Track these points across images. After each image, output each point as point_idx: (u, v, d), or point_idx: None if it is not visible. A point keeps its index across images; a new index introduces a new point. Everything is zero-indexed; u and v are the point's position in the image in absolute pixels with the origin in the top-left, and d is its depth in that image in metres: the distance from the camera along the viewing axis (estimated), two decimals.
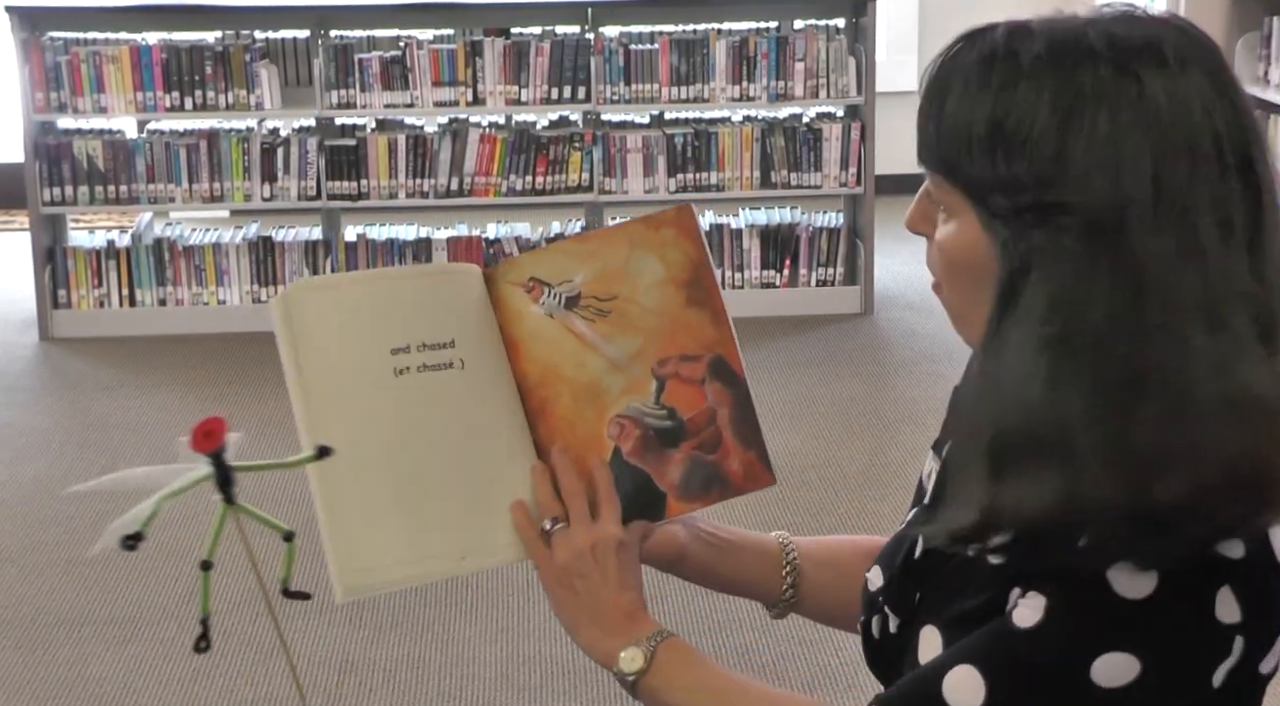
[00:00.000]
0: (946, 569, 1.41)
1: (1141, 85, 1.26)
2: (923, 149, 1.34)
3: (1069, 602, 1.27)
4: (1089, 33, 1.28)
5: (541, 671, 3.65)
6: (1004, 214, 1.28)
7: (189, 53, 6.09)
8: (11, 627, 3.89)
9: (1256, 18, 6.39)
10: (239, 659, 3.68)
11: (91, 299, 6.19)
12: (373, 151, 6.16)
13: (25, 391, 5.64)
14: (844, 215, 6.43)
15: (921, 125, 1.34)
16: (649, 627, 1.51)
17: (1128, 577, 1.25)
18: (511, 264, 1.60)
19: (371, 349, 1.54)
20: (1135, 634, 1.25)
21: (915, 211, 1.39)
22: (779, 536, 1.70)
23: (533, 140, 6.19)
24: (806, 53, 6.19)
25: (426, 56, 6.11)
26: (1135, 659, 1.25)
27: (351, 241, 6.27)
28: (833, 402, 5.34)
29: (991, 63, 1.29)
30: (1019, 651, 1.29)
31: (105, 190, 6.11)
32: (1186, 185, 1.25)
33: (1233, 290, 1.25)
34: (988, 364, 1.29)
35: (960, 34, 1.33)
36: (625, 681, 1.50)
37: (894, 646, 1.46)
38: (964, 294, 1.35)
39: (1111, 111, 1.25)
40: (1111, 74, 1.26)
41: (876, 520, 4.33)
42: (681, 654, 1.50)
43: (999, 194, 1.28)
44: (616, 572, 1.52)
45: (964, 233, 1.32)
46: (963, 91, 1.29)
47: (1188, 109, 1.26)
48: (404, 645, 3.75)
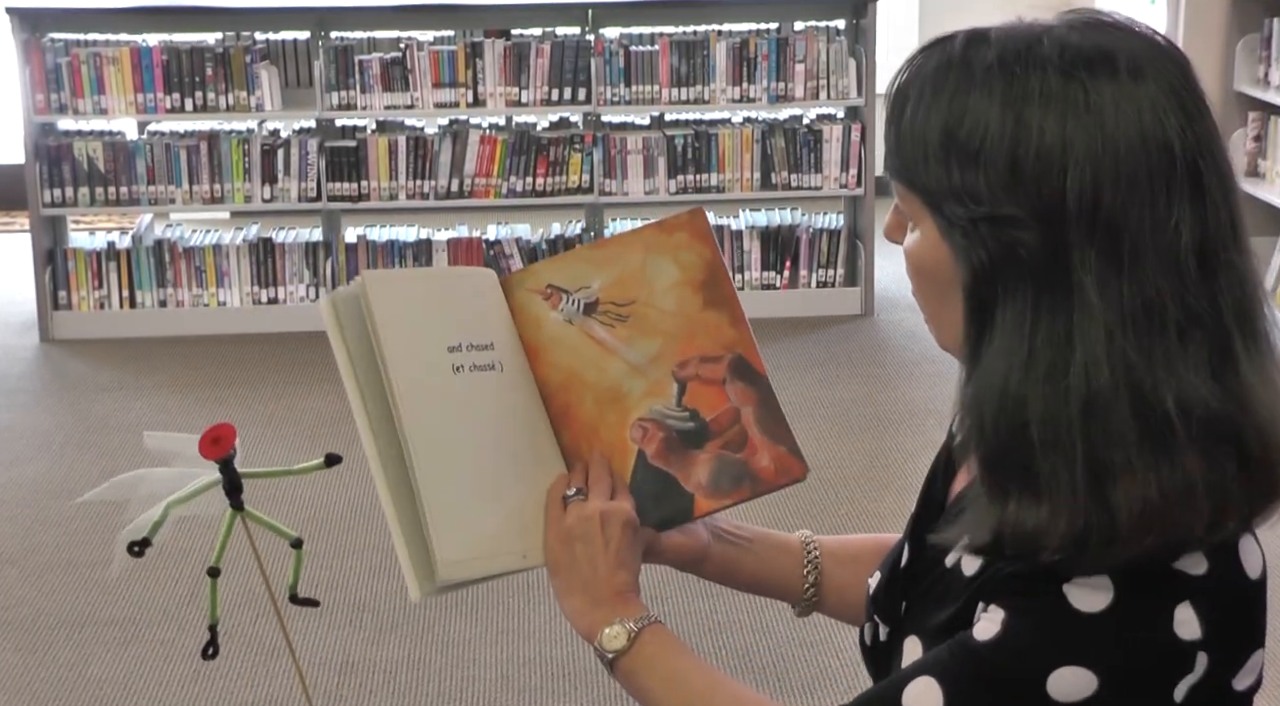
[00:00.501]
0: (928, 580, 1.41)
1: (1088, 94, 1.24)
2: (886, 157, 1.35)
3: (1026, 616, 1.27)
4: (1043, 40, 1.27)
5: (541, 673, 3.65)
6: (961, 223, 1.28)
7: (189, 54, 6.09)
8: (12, 629, 3.89)
9: (1257, 19, 6.39)
10: (239, 661, 3.68)
11: (92, 300, 6.19)
12: (373, 153, 6.16)
13: (26, 393, 5.64)
14: (844, 216, 6.44)
15: (886, 134, 1.34)
16: (636, 610, 1.51)
17: (1084, 592, 1.25)
18: (528, 271, 1.61)
19: (438, 343, 1.53)
20: (1091, 648, 1.25)
21: (889, 221, 1.39)
22: (802, 535, 1.70)
23: (533, 141, 6.20)
24: (807, 54, 6.19)
25: (427, 58, 6.11)
26: (1092, 674, 1.25)
27: (352, 243, 6.27)
28: (833, 404, 5.34)
29: (947, 71, 1.29)
30: (977, 665, 1.28)
31: (106, 191, 6.11)
32: (1128, 198, 1.24)
33: (1180, 306, 1.24)
34: (971, 385, 1.29)
35: (923, 43, 1.33)
36: (604, 658, 1.49)
37: (884, 653, 1.47)
38: (931, 300, 1.36)
39: (1058, 119, 1.24)
40: (1059, 82, 1.25)
41: (876, 521, 4.33)
42: (664, 642, 1.50)
43: (955, 203, 1.28)
44: (617, 547, 1.51)
45: (925, 241, 1.32)
46: (918, 100, 1.29)
47: (1136, 119, 1.24)
48: (404, 646, 3.75)
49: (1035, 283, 1.25)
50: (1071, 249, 1.24)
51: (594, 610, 1.51)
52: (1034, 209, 1.24)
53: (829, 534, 1.74)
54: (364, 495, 4.56)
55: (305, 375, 5.63)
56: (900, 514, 4.46)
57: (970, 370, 1.29)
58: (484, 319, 1.57)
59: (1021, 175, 1.25)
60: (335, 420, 5.09)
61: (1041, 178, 1.24)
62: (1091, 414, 1.23)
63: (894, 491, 4.57)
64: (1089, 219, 1.24)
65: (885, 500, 4.51)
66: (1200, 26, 6.48)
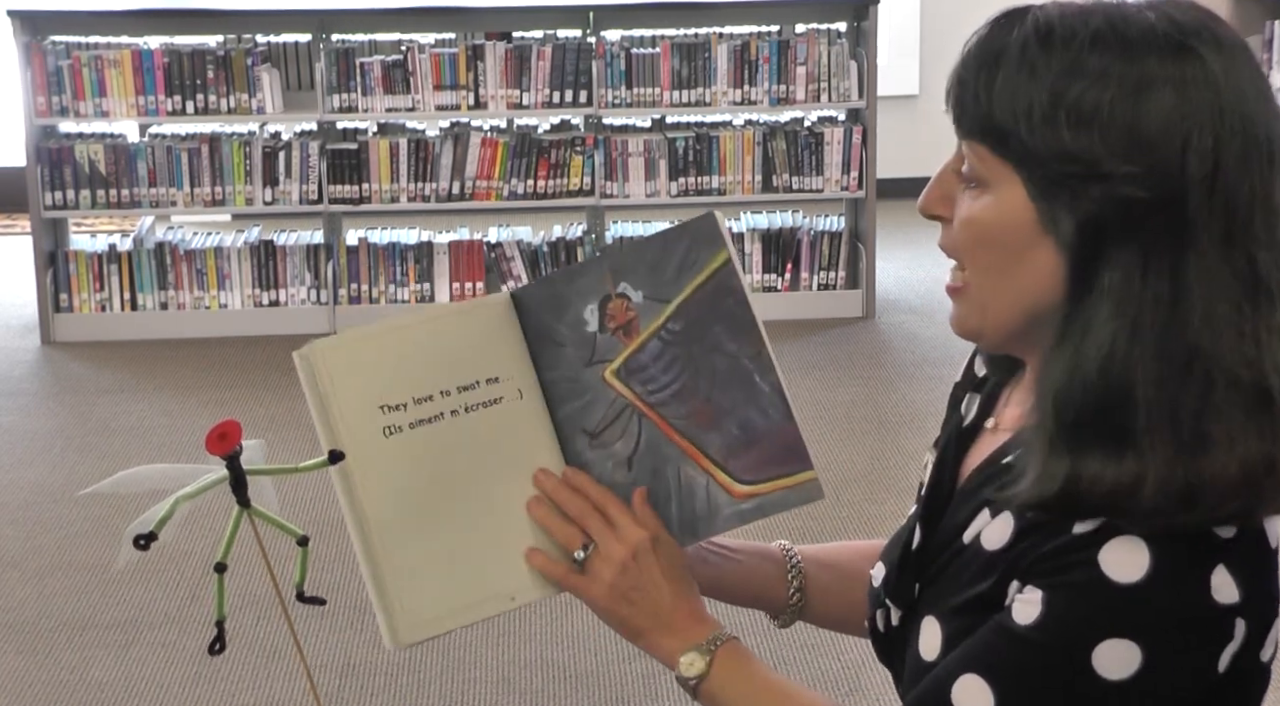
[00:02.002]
0: (943, 560, 1.42)
1: (1205, 64, 1.28)
2: (964, 118, 1.34)
3: (1064, 592, 1.27)
4: (1148, 14, 1.30)
5: (543, 675, 3.65)
6: (1071, 183, 1.29)
7: (190, 57, 6.09)
8: (13, 631, 3.89)
9: (1259, 21, 6.39)
10: (241, 662, 3.68)
11: (93, 303, 6.19)
12: (374, 155, 6.16)
13: (27, 395, 5.64)
14: (845, 219, 6.44)
15: (963, 95, 1.34)
16: (707, 630, 1.51)
17: (1120, 562, 1.26)
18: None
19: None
20: (1132, 619, 1.25)
21: (934, 191, 1.38)
22: (780, 544, 1.71)
23: (534, 144, 6.20)
24: (808, 56, 6.20)
25: (428, 60, 6.11)
26: (1136, 646, 1.25)
27: (353, 245, 6.27)
28: (834, 406, 5.34)
29: (1049, 37, 1.30)
30: (1021, 650, 1.29)
31: (107, 194, 6.11)
32: (1242, 167, 1.27)
33: (1274, 282, 1.28)
34: (1067, 341, 1.30)
35: (999, 13, 1.35)
36: (686, 685, 1.50)
37: (899, 638, 1.47)
38: (991, 272, 1.35)
39: (1177, 88, 1.27)
40: (1175, 52, 1.28)
41: (877, 523, 4.33)
42: (738, 660, 1.50)
43: (1063, 163, 1.28)
44: (663, 572, 1.51)
45: (1005, 204, 1.32)
46: (1019, 62, 1.30)
47: (1242, 93, 1.28)
48: (405, 648, 3.75)
49: (1146, 244, 1.27)
50: (1188, 213, 1.27)
51: (669, 640, 1.51)
52: (1153, 170, 1.27)
53: (830, 534, 1.75)
54: None
55: None
56: (900, 516, 4.43)
57: (1069, 333, 1.30)
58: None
59: (1142, 138, 1.27)
60: None
61: (1163, 141, 1.27)
62: (1197, 378, 1.25)
63: (895, 494, 4.57)
64: (1209, 185, 1.26)
65: (887, 502, 4.51)
66: None
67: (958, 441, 1.50)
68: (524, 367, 1.57)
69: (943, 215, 1.38)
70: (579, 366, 1.56)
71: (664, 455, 1.54)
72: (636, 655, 3.69)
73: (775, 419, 1.52)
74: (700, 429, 1.54)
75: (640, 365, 1.55)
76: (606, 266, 1.56)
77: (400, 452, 1.52)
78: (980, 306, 1.37)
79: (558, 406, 1.57)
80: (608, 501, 1.54)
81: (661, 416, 1.54)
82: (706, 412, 1.53)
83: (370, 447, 1.51)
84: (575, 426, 1.56)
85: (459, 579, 1.52)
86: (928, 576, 1.44)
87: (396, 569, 1.50)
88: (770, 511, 1.53)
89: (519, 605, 1.54)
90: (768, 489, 1.53)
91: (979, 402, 1.52)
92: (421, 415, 1.52)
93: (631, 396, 1.55)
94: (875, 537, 1.81)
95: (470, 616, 1.53)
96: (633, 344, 1.55)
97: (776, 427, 1.52)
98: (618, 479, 1.55)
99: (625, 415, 1.55)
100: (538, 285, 1.61)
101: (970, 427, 1.50)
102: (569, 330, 1.56)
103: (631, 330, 1.55)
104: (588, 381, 1.56)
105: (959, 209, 1.36)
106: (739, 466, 1.53)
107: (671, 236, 1.54)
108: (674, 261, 1.53)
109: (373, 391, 1.52)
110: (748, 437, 1.53)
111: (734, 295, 1.52)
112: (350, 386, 1.51)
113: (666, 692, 3.55)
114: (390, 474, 1.52)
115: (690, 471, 1.54)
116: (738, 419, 1.53)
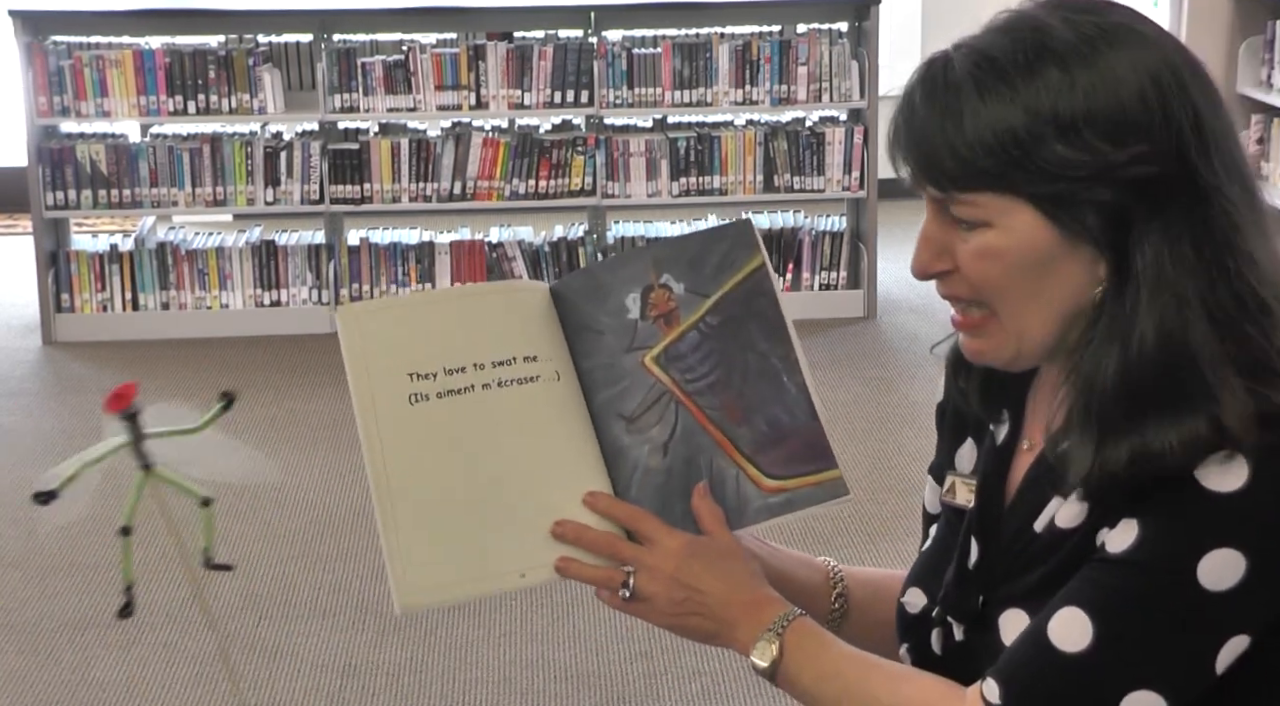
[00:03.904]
0: (1012, 555, 1.42)
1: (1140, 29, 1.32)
2: (943, 178, 1.33)
3: (1163, 511, 1.28)
4: (1051, 14, 1.33)
5: (545, 675, 3.65)
6: (1077, 190, 1.29)
7: (192, 57, 6.09)
8: (15, 631, 3.89)
9: (1260, 21, 6.39)
10: (242, 663, 3.68)
11: (94, 303, 6.19)
12: (375, 155, 6.16)
13: (28, 395, 5.64)
14: (847, 219, 6.43)
15: (931, 155, 1.33)
16: (772, 612, 1.49)
17: (1217, 474, 1.26)
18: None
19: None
20: (1236, 527, 1.25)
21: (927, 253, 1.37)
22: (824, 559, 1.71)
23: (535, 144, 6.20)
24: (809, 56, 6.19)
25: (429, 60, 6.11)
26: (1240, 554, 1.25)
27: (354, 245, 6.27)
28: (835, 406, 5.34)
29: (995, 65, 1.30)
30: (1120, 575, 1.29)
31: (108, 194, 6.11)
32: (1213, 107, 1.31)
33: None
34: (1113, 333, 1.31)
35: (919, 69, 1.35)
36: (765, 676, 1.49)
37: (964, 653, 1.46)
38: (1023, 294, 1.34)
39: (1130, 60, 1.29)
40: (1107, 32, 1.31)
41: (878, 522, 4.32)
42: (810, 637, 1.48)
43: (1065, 175, 1.29)
44: (709, 572, 1.50)
45: (1019, 231, 1.32)
46: (981, 99, 1.30)
47: (1181, 46, 1.32)
48: (407, 648, 3.75)
49: (1169, 214, 1.29)
50: (1196, 165, 1.29)
51: (739, 635, 1.50)
52: (1151, 141, 1.29)
53: (830, 533, 1.76)
54: (366, 498, 4.55)
55: (307, 378, 5.63)
56: (902, 516, 4.46)
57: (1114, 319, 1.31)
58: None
59: (1127, 118, 1.29)
60: (337, 423, 5.09)
61: (1144, 111, 1.29)
62: (1252, 315, 1.29)
63: (896, 494, 4.56)
64: (1198, 133, 1.29)
65: (888, 503, 4.51)
66: (1203, 28, 6.48)
67: (996, 461, 1.50)
68: (562, 352, 1.58)
69: (945, 269, 1.37)
70: (618, 352, 1.58)
71: (698, 444, 1.56)
72: (639, 655, 3.69)
73: (801, 418, 1.55)
74: (732, 422, 1.56)
75: (679, 353, 1.57)
76: (650, 257, 1.60)
77: (424, 421, 1.54)
78: (1016, 334, 1.37)
79: (594, 394, 1.58)
80: (636, 518, 1.52)
81: (697, 406, 1.56)
82: (738, 407, 1.56)
83: (395, 413, 1.53)
84: (611, 412, 1.57)
85: (469, 551, 1.52)
86: (994, 581, 1.44)
87: (408, 533, 1.51)
88: (798, 506, 1.54)
89: (528, 584, 1.53)
90: (795, 484, 1.54)
91: (1007, 425, 1.51)
92: (451, 386, 1.54)
93: (670, 383, 1.57)
94: (875, 537, 1.81)
95: (477, 589, 1.53)
96: (673, 333, 1.58)
97: (802, 426, 1.55)
98: (652, 464, 1.56)
99: (663, 401, 1.57)
100: (576, 276, 1.64)
101: (1004, 447, 1.50)
102: (609, 317, 1.59)
103: (672, 319, 1.58)
104: (626, 367, 1.58)
105: (963, 254, 1.35)
106: (768, 461, 1.55)
107: (712, 236, 1.60)
108: (714, 259, 1.58)
109: (404, 359, 1.54)
110: (775, 434, 1.55)
111: (767, 297, 1.57)
112: (382, 351, 1.54)
113: (668, 692, 3.55)
114: (411, 441, 1.53)
115: (721, 462, 1.55)
116: (766, 415, 1.56)
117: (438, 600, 1.53)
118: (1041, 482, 1.41)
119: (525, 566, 1.53)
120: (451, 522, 1.52)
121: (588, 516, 1.52)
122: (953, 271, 1.37)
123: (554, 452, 1.55)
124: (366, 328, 1.55)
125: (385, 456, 1.53)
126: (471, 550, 1.52)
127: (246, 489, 4.63)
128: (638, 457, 1.56)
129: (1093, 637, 1.29)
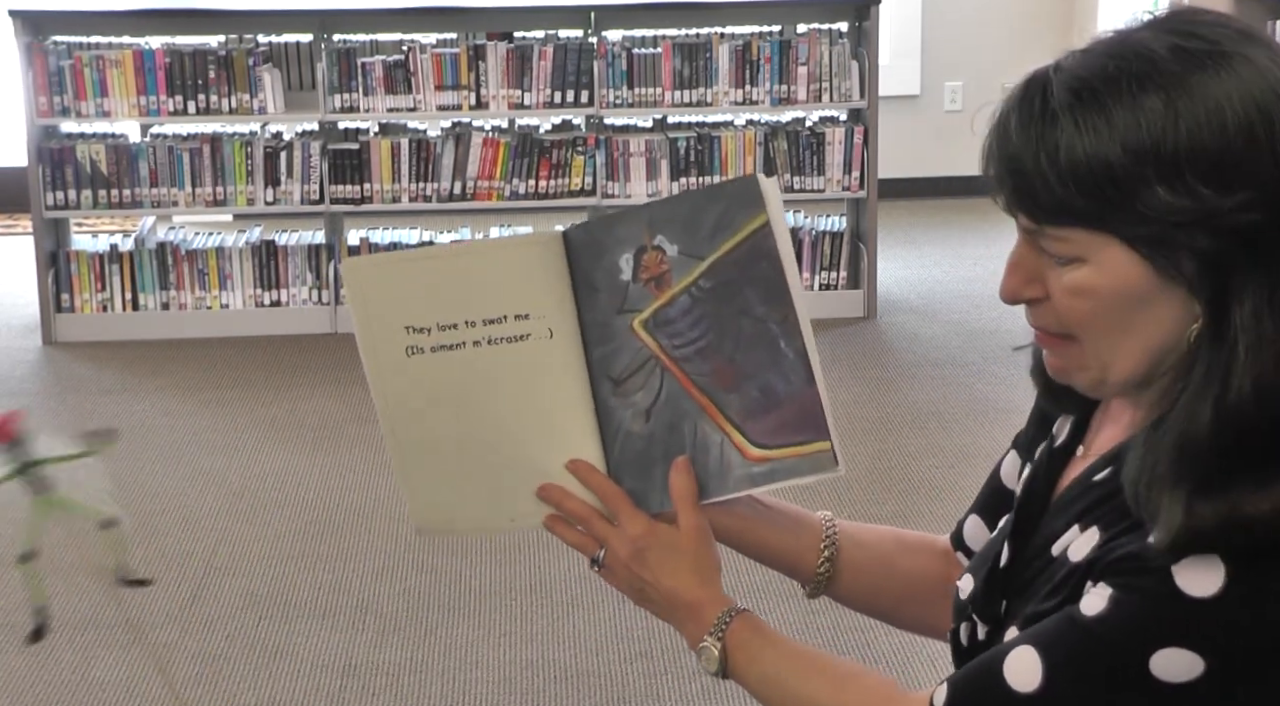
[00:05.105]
0: (1030, 572, 1.42)
1: (1241, 56, 1.24)
2: (1037, 209, 1.29)
3: (1135, 594, 1.26)
4: (1156, 35, 1.27)
5: (544, 675, 3.65)
6: (1176, 233, 1.24)
7: (192, 57, 6.10)
8: (15, 631, 3.89)
9: (1259, 21, 6.39)
10: (242, 664, 3.68)
11: (94, 303, 6.19)
12: (375, 155, 6.16)
13: (28, 396, 5.64)
14: (847, 219, 6.44)
15: (1026, 185, 1.28)
16: (713, 614, 1.51)
17: (1195, 575, 1.24)
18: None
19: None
20: (1198, 632, 1.24)
21: (1015, 279, 1.34)
22: (823, 515, 1.70)
23: (535, 144, 6.20)
24: (809, 56, 6.20)
25: (429, 60, 6.11)
26: (1199, 657, 1.24)
27: (354, 245, 6.27)
28: (835, 406, 5.30)
29: (1095, 93, 1.26)
30: (1080, 637, 1.28)
31: (108, 194, 6.11)
32: None
33: None
34: (1208, 384, 1.26)
35: (1017, 88, 1.30)
36: (714, 676, 1.50)
37: (983, 652, 1.46)
38: (1113, 331, 1.31)
39: (1238, 92, 1.23)
40: (1211, 58, 1.24)
41: (879, 523, 4.31)
42: (750, 639, 1.50)
43: (1166, 218, 1.24)
44: (661, 572, 1.52)
45: (1113, 269, 1.28)
46: (1078, 130, 1.25)
47: (1276, 64, 1.26)
48: (407, 648, 3.75)
49: (1273, 262, 1.24)
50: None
51: (688, 630, 1.53)
52: (1258, 185, 1.23)
53: None
54: (367, 498, 4.56)
55: (308, 378, 5.63)
56: (903, 516, 4.46)
57: (1197, 373, 1.26)
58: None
59: (1232, 159, 1.23)
60: (338, 422, 5.10)
61: (1251, 151, 1.23)
62: None
63: (896, 494, 4.56)
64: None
65: (888, 503, 4.51)
66: None
67: (1049, 463, 1.49)
68: (563, 307, 1.58)
69: (1036, 297, 1.34)
70: (610, 313, 1.57)
71: (682, 410, 1.55)
72: (638, 655, 3.69)
73: (796, 385, 1.53)
74: (721, 388, 1.54)
75: (668, 319, 1.55)
76: (645, 217, 1.57)
77: (419, 373, 1.59)
78: (1101, 364, 1.34)
79: (592, 348, 1.59)
80: (607, 495, 1.55)
81: (684, 371, 1.55)
82: (728, 373, 1.54)
83: (394, 364, 1.59)
84: (602, 371, 1.58)
85: (464, 495, 1.62)
86: (1014, 590, 1.44)
87: (413, 472, 1.63)
88: (781, 478, 1.53)
89: (517, 528, 1.63)
90: (781, 454, 1.53)
91: (1070, 427, 1.50)
92: (444, 341, 1.59)
93: (656, 348, 1.56)
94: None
95: (474, 528, 1.66)
96: (663, 297, 1.56)
97: (797, 393, 1.53)
98: (634, 429, 1.56)
99: (649, 366, 1.56)
100: (583, 228, 1.62)
101: (1062, 450, 1.49)
102: (604, 276, 1.58)
103: (664, 283, 1.56)
104: (616, 328, 1.57)
105: (1055, 285, 1.32)
106: (756, 429, 1.53)
107: (711, 195, 1.55)
108: (710, 220, 1.54)
109: (401, 312, 1.59)
110: (767, 402, 1.53)
111: (769, 258, 1.51)
112: (382, 303, 1.59)
113: (668, 692, 3.55)
114: (408, 391, 1.60)
115: (706, 428, 1.54)
116: (759, 382, 1.53)
117: (444, 530, 1.67)
118: (1075, 504, 1.39)
119: (515, 514, 1.62)
120: (448, 468, 1.62)
121: (572, 480, 1.57)
122: (1044, 299, 1.34)
123: (543, 411, 1.59)
124: (369, 279, 1.60)
125: (388, 403, 1.61)
126: (465, 494, 1.62)
127: (246, 489, 4.64)
128: (621, 420, 1.57)
129: (1041, 683, 1.29)
